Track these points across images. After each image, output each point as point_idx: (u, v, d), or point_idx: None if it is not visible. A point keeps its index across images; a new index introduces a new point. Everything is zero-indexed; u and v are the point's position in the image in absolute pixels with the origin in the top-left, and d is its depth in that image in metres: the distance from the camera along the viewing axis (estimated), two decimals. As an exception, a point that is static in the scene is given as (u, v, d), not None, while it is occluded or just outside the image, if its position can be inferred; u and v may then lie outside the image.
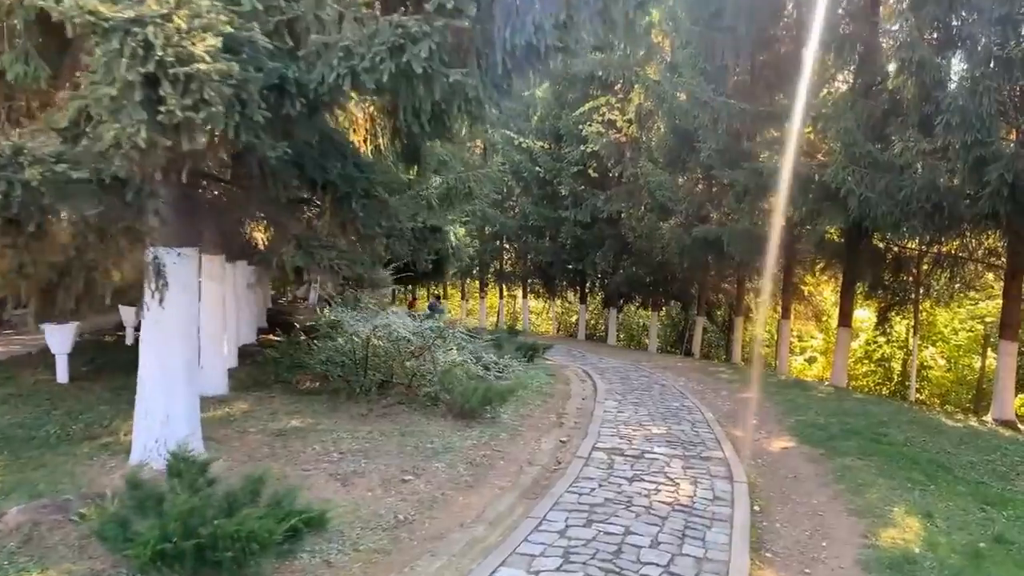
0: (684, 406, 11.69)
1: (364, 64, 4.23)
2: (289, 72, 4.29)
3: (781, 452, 8.96)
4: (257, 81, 4.00)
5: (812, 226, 17.16)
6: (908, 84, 14.73)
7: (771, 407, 12.33)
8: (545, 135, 31.35)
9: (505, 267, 39.56)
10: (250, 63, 3.94)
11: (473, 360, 11.44)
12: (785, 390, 14.77)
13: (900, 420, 11.63)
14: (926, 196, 13.56)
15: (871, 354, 22.76)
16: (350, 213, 5.76)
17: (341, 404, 9.63)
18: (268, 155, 4.61)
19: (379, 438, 8.01)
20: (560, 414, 10.61)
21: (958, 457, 9.29)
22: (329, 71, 4.28)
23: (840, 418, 11.28)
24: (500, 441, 8.45)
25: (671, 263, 24.11)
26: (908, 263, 18.18)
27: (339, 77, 4.27)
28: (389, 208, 5.94)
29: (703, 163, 21.36)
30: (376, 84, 4.34)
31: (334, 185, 5.65)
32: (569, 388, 13.38)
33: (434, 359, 10.28)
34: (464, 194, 14.91)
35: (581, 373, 16.30)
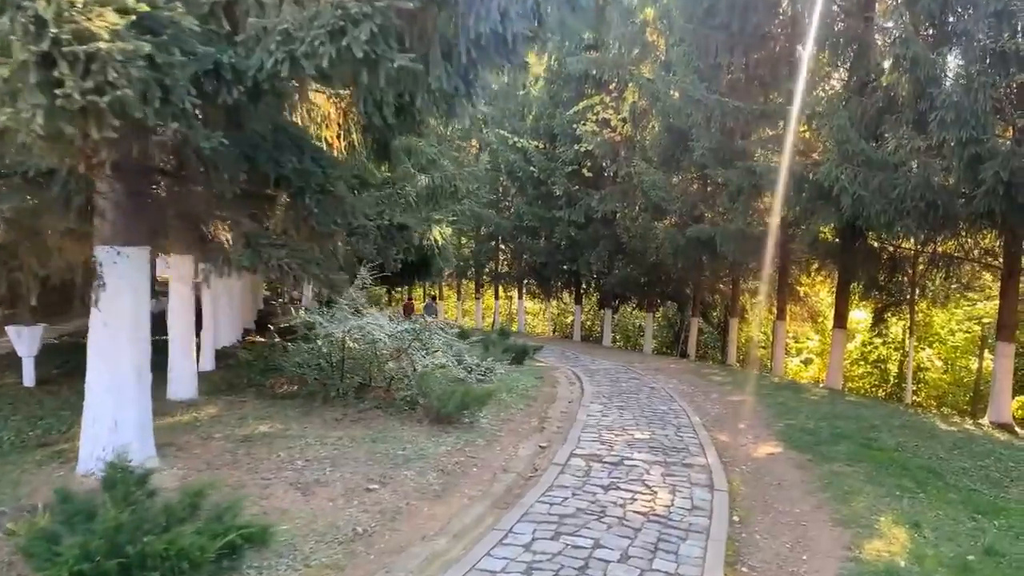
0: (671, 410, 11.40)
1: (303, 49, 3.95)
2: (225, 57, 4.01)
3: (767, 458, 8.67)
4: (184, 65, 3.72)
5: (806, 226, 16.84)
6: (902, 81, 14.46)
7: (761, 411, 12.04)
8: (540, 135, 31.04)
9: (501, 268, 39.32)
10: (174, 45, 3.66)
11: (455, 363, 11.15)
12: (777, 393, 14.49)
13: (892, 424, 11.33)
14: (920, 194, 13.28)
15: (867, 356, 22.47)
16: (304, 209, 5.48)
17: (315, 408, 9.36)
18: (203, 146, 4.32)
19: (349, 444, 7.72)
20: (543, 418, 10.32)
21: (950, 463, 8.99)
22: (267, 56, 3.99)
23: (831, 422, 11.00)
24: (476, 447, 8.16)
25: (665, 263, 23.84)
26: (903, 263, 17.91)
27: (278, 63, 3.99)
28: (345, 204, 5.65)
29: (697, 162, 21.09)
30: (317, 70, 4.06)
31: (288, 180, 5.37)
32: (556, 391, 13.09)
33: (412, 362, 9.98)
34: (450, 193, 14.68)
35: (571, 375, 16.03)
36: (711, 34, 20.27)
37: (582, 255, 28.91)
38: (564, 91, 30.15)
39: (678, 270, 24.11)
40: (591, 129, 26.98)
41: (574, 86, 29.74)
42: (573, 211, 28.46)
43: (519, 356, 17.67)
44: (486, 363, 11.98)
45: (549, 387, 13.47)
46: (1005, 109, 13.73)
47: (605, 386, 14.07)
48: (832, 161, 14.44)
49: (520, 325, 38.08)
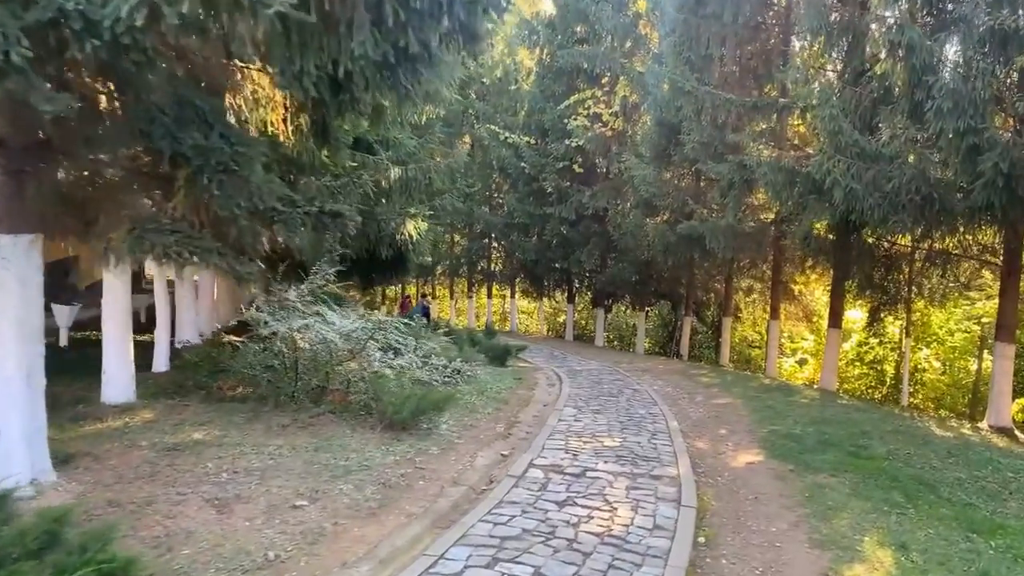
0: (650, 414, 10.76)
1: (161, -8, 3.33)
2: (70, 4, 3.38)
3: (746, 468, 8.02)
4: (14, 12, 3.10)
5: (798, 221, 16.19)
6: (897, 69, 13.76)
7: (746, 415, 11.40)
8: (531, 130, 30.37)
9: (494, 266, 38.69)
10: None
11: (420, 364, 10.52)
12: (766, 395, 13.85)
13: (884, 430, 10.69)
14: (916, 188, 12.63)
15: (863, 356, 21.81)
16: (204, 191, 4.85)
17: (264, 413, 8.73)
18: (45, 110, 3.69)
19: (288, 454, 7.09)
20: (511, 423, 9.69)
21: (944, 473, 8.35)
22: (123, 3, 3.36)
23: (819, 427, 10.35)
24: (428, 457, 7.52)
25: (656, 261, 23.20)
26: (899, 260, 17.27)
27: (133, 10, 3.36)
28: (251, 186, 5.02)
29: (688, 156, 20.45)
30: (181, 19, 3.43)
31: (185, 157, 4.74)
32: (532, 393, 12.47)
33: (369, 363, 9.34)
34: (424, 186, 14.03)
35: (552, 376, 15.42)
36: (702, 24, 19.67)
37: (573, 253, 28.30)
38: (555, 85, 29.50)
39: (669, 268, 23.45)
40: (582, 124, 26.39)
41: (565, 80, 29.15)
42: (564, 208, 27.87)
43: (501, 356, 17.08)
44: (455, 364, 11.32)
45: (526, 389, 12.85)
46: (1005, 98, 13.10)
47: (585, 388, 13.45)
48: (824, 153, 13.80)
49: (513, 324, 37.49)
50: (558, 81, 29.42)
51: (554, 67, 29.66)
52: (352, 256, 14.49)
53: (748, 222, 19.48)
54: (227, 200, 4.95)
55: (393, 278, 19.09)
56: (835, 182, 13.42)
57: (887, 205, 13.06)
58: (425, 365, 10.60)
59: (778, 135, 19.59)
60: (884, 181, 13.08)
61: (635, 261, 24.80)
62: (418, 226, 14.62)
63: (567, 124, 26.56)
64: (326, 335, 8.67)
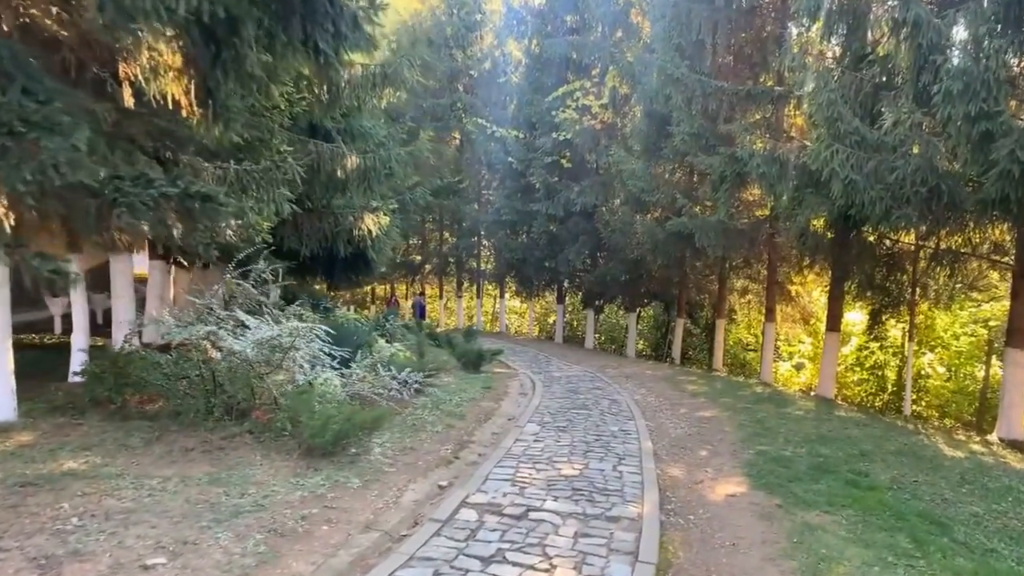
0: (623, 431, 9.56)
1: None
2: None
3: (725, 503, 6.82)
4: None
5: (793, 217, 14.99)
6: (901, 50, 12.58)
7: (732, 431, 10.21)
8: (520, 124, 29.21)
9: (484, 265, 37.51)
10: None
11: (361, 375, 9.32)
12: (757, 406, 12.66)
13: (887, 449, 9.51)
14: (922, 179, 11.46)
15: (863, 361, 20.58)
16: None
17: (171, 433, 7.53)
18: None
19: (173, 489, 5.90)
20: (461, 444, 8.50)
21: (958, 507, 7.16)
22: None
23: (813, 448, 9.17)
24: (345, 491, 6.33)
25: (647, 260, 21.97)
26: (903, 260, 16.06)
27: None
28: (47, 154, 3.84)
29: (678, 149, 19.24)
30: None
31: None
32: (498, 406, 11.29)
33: (292, 375, 8.14)
34: (385, 175, 12.89)
35: (528, 384, 14.26)
36: (693, 8, 18.49)
37: (561, 251, 27.08)
38: (544, 77, 28.26)
39: (660, 267, 22.22)
40: (570, 116, 25.20)
41: (554, 71, 27.92)
42: (551, 204, 26.69)
43: (475, 362, 15.91)
44: (405, 374, 10.09)
45: (492, 401, 11.66)
46: (1019, 80, 11.93)
47: (559, 399, 12.26)
48: (822, 142, 12.61)
49: (502, 325, 36.32)
50: (546, 72, 28.22)
51: (543, 58, 28.48)
52: (307, 254, 13.36)
53: (741, 219, 18.32)
54: (11, 172, 3.77)
55: (356, 278, 17.80)
56: (833, 173, 12.27)
57: (890, 198, 11.90)
58: (370, 376, 9.38)
59: (774, 126, 18.42)
60: (887, 172, 11.91)
61: (625, 260, 23.60)
62: (379, 221, 13.44)
63: (555, 117, 25.38)
64: (233, 345, 7.46)
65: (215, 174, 7.80)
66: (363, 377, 9.16)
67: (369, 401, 8.89)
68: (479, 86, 35.81)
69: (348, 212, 13.17)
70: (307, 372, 8.28)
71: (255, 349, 7.58)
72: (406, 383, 9.88)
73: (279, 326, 7.94)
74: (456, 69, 36.28)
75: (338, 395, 8.48)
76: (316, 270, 15.82)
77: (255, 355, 7.60)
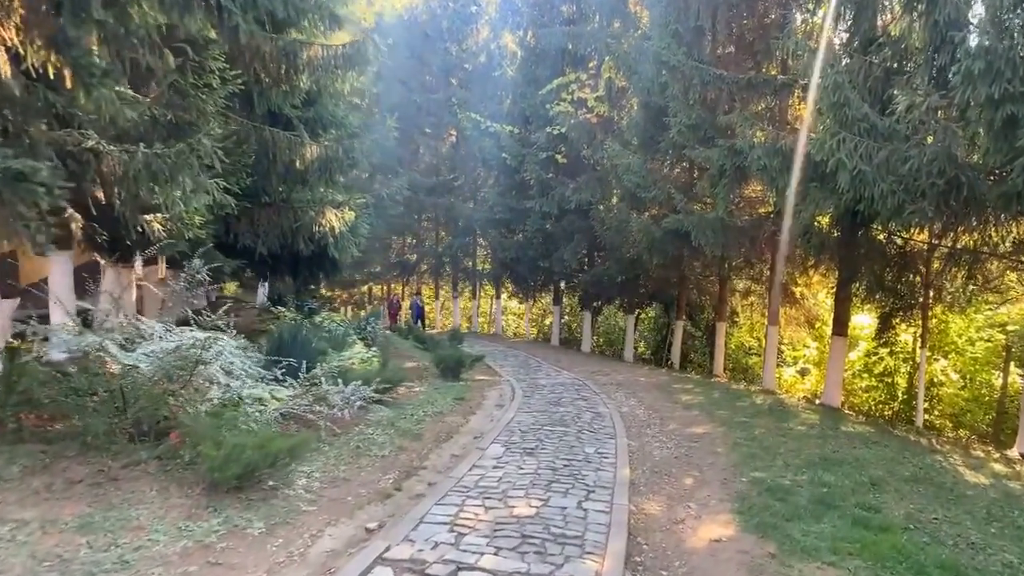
0: (599, 454, 8.43)
1: None
2: None
3: (708, 551, 5.68)
4: None
5: (796, 213, 13.83)
6: (916, 27, 11.44)
7: (725, 452, 9.07)
8: (515, 119, 28.12)
9: (480, 265, 36.43)
10: None
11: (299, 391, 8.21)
12: (755, 420, 11.53)
13: (901, 474, 8.37)
14: (938, 170, 10.29)
15: (871, 367, 19.36)
16: None
17: (62, 462, 6.44)
18: None
19: (25, 537, 4.82)
20: (409, 471, 7.39)
21: (988, 553, 6.02)
22: None
23: (815, 474, 8.03)
24: (243, 540, 5.21)
25: (643, 260, 20.79)
26: (915, 260, 14.89)
27: None
28: None
29: (674, 142, 18.08)
30: None
31: None
32: (465, 421, 10.20)
33: (201, 394, 7.02)
34: (346, 165, 11.83)
35: (508, 394, 13.17)
36: (691, -9, 17.34)
37: (556, 251, 25.95)
38: (539, 69, 27.12)
39: (657, 267, 21.02)
40: (565, 110, 24.07)
41: (549, 64, 26.80)
42: (545, 202, 25.58)
43: (454, 369, 14.82)
44: (350, 388, 8.94)
45: (460, 415, 10.57)
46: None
47: (536, 412, 11.14)
48: (827, 130, 11.48)
49: (498, 327, 35.23)
50: (542, 65, 27.11)
51: (538, 50, 27.38)
52: (263, 252, 12.28)
53: (742, 216, 17.16)
54: None
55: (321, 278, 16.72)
56: (840, 164, 11.13)
57: (903, 192, 10.74)
58: (310, 392, 8.26)
59: (778, 118, 17.27)
60: (899, 163, 10.76)
61: (621, 260, 22.46)
62: (344, 217, 12.34)
63: (550, 111, 24.27)
64: (122, 358, 6.35)
65: (120, 158, 6.70)
66: (301, 393, 8.05)
67: (306, 422, 7.79)
68: (474, 80, 34.79)
69: (309, 207, 12.08)
70: (232, 388, 7.16)
71: (152, 362, 6.47)
72: (349, 400, 8.70)
73: (182, 336, 6.83)
74: (451, 63, 35.28)
75: (268, 415, 7.37)
76: (278, 269, 14.74)
77: (152, 369, 6.49)
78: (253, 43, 9.29)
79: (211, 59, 8.17)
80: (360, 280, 41.99)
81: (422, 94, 34.53)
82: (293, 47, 11.14)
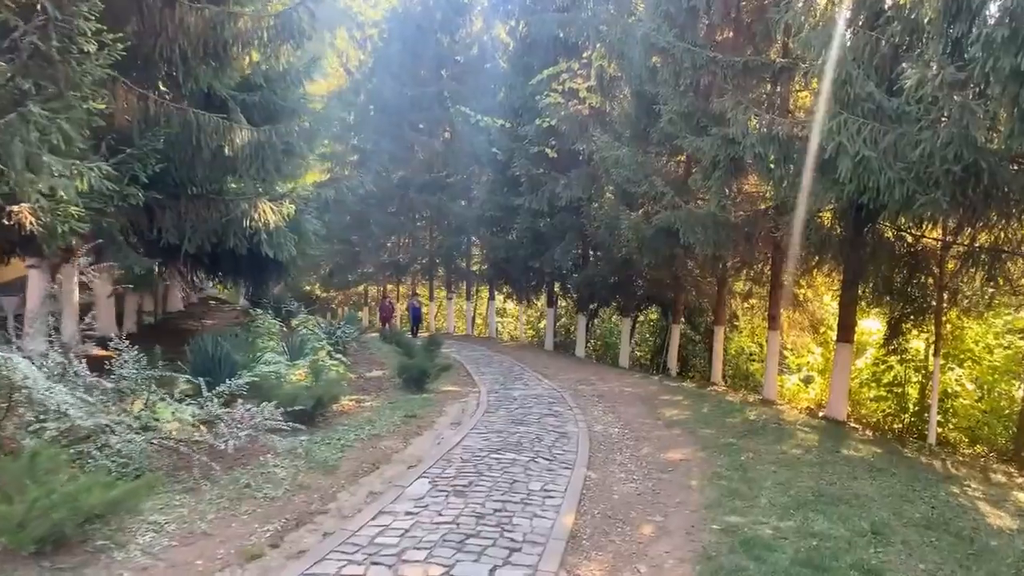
0: (546, 490, 7.05)
1: None
2: None
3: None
4: None
5: (795, 207, 12.42)
6: (927, 0, 10.00)
7: (699, 487, 7.67)
8: (506, 112, 26.76)
9: (474, 265, 35.09)
10: None
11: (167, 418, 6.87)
12: (745, 440, 10.13)
13: (910, 518, 6.95)
14: (954, 155, 8.84)
15: (880, 376, 17.85)
16: None
17: None
18: None
19: None
20: (299, 520, 6.03)
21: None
22: None
23: (805, 518, 6.62)
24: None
25: (635, 259, 19.39)
26: (928, 259, 13.42)
27: None
28: None
29: (665, 132, 16.67)
30: None
31: None
32: (405, 446, 8.86)
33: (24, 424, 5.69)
34: (283, 152, 10.51)
35: (471, 409, 11.81)
36: (683, -33, 15.94)
37: (547, 250, 24.53)
38: (531, 59, 25.70)
39: (649, 267, 19.59)
40: (556, 101, 22.67)
41: (541, 53, 25.38)
42: (535, 198, 24.16)
43: (417, 380, 13.49)
44: (241, 412, 7.50)
45: (400, 439, 9.21)
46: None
47: (492, 433, 9.77)
48: (826, 110, 10.06)
49: (491, 330, 33.85)
50: (534, 55, 25.74)
51: (529, 39, 26.04)
52: (189, 250, 10.97)
53: (738, 211, 15.70)
54: None
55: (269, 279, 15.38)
56: (841, 149, 9.71)
57: (912, 180, 9.31)
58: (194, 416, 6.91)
59: (777, 106, 15.82)
60: (908, 148, 9.33)
61: (612, 259, 21.08)
62: (282, 210, 11.00)
63: (539, 102, 22.89)
64: None
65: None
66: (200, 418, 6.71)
67: (183, 456, 6.44)
68: (466, 73, 33.52)
69: (243, 199, 10.75)
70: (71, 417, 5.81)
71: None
72: (239, 426, 7.25)
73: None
74: (443, 55, 34.02)
75: (137, 447, 6.03)
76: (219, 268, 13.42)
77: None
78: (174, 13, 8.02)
79: (80, 18, 6.84)
80: (354, 281, 40.83)
81: (414, 88, 33.25)
82: (220, 17, 9.87)
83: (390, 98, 33.55)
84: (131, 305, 16.91)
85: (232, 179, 11.23)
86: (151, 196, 9.88)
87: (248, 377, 8.02)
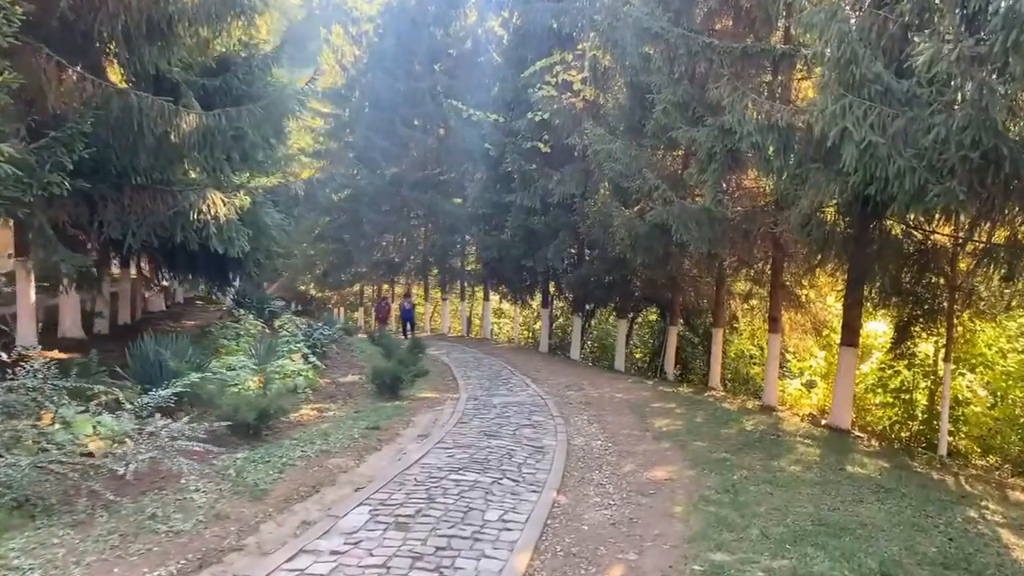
0: (504, 520, 6.14)
1: None
2: None
3: None
4: None
5: (795, 201, 11.51)
6: (941, -30, 9.09)
7: (683, 514, 6.76)
8: (499, 106, 25.86)
9: (467, 265, 34.22)
10: None
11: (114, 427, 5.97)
12: (740, 456, 9.21)
13: (925, 552, 6.03)
14: (972, 140, 7.91)
15: (887, 382, 16.88)
16: None
17: None
18: None
19: None
20: (202, 562, 5.14)
21: None
22: None
23: (803, 553, 5.71)
24: None
25: (629, 258, 18.45)
26: (938, 258, 12.47)
27: None
28: None
29: (659, 122, 15.74)
30: None
31: None
32: (356, 464, 7.96)
33: None
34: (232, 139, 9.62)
35: (444, 419, 10.90)
36: (677, -53, 15.04)
37: (540, 248, 23.60)
38: (525, 51, 24.80)
39: (643, 266, 18.65)
40: (549, 94, 21.76)
41: (535, 45, 24.43)
42: (527, 194, 23.25)
43: (391, 386, 12.62)
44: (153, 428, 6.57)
45: (353, 456, 8.32)
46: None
47: (459, 448, 8.86)
48: (829, 92, 9.14)
49: (485, 331, 32.93)
50: (528, 47, 24.82)
51: (523, 31, 25.12)
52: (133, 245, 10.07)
53: (735, 207, 14.75)
54: None
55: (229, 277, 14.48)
56: (846, 135, 8.79)
57: (924, 169, 8.37)
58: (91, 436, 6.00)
59: (778, 95, 14.87)
60: (921, 133, 8.40)
61: (606, 258, 20.18)
62: (236, 203, 10.10)
63: (532, 95, 21.99)
64: None
65: None
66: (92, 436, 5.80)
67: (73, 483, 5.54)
68: (460, 67, 32.71)
69: (191, 189, 9.86)
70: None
71: None
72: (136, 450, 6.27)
73: None
74: (436, 48, 33.22)
75: (14, 474, 5.13)
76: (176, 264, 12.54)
77: None
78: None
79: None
80: (347, 281, 40.07)
81: (408, 83, 32.45)
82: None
83: (384, 94, 32.81)
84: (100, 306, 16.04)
85: (189, 168, 10.34)
86: (88, 186, 9.01)
87: (180, 386, 7.11)
